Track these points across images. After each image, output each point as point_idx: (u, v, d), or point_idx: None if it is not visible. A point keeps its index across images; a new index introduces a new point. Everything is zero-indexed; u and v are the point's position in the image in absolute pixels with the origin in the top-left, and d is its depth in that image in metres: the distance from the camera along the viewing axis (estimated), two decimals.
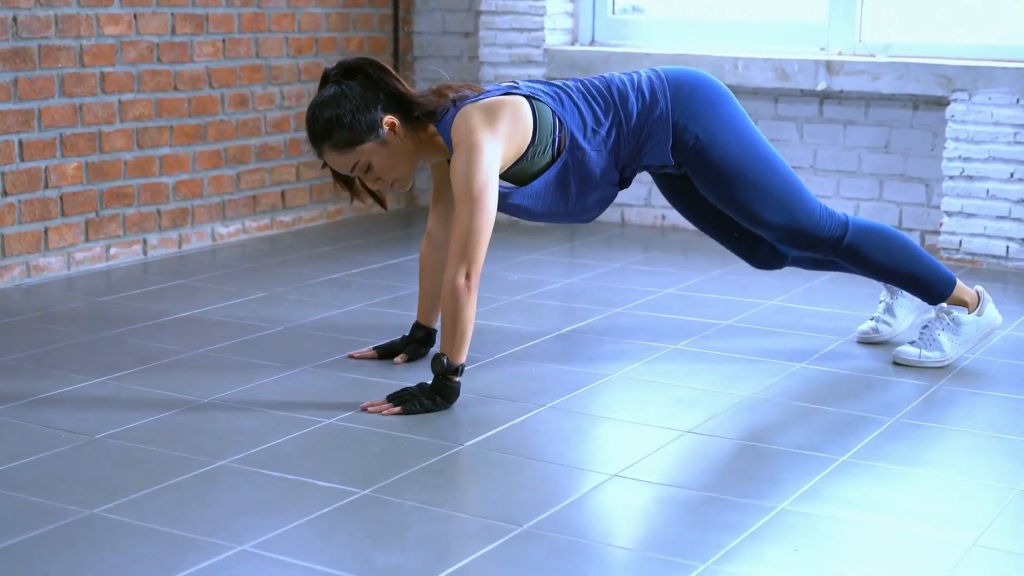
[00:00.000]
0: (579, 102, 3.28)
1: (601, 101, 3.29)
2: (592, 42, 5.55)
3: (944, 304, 3.55)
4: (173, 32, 4.78)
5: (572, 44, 5.54)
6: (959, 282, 3.57)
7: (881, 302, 3.75)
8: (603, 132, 3.27)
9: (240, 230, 5.14)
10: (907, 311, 3.71)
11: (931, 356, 3.51)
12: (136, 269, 4.63)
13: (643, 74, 3.37)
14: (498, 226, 3.46)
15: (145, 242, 4.78)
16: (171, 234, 4.87)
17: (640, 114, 3.29)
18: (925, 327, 3.57)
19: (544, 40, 5.43)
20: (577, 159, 3.26)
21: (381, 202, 3.34)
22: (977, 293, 3.60)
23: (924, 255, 3.55)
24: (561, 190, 3.29)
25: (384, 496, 2.60)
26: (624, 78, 3.35)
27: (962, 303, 3.56)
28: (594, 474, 2.75)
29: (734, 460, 2.88)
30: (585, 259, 4.86)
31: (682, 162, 3.34)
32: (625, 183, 3.40)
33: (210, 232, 5.02)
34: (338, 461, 2.82)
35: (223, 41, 4.98)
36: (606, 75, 3.38)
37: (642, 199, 5.42)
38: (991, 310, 3.58)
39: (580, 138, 3.25)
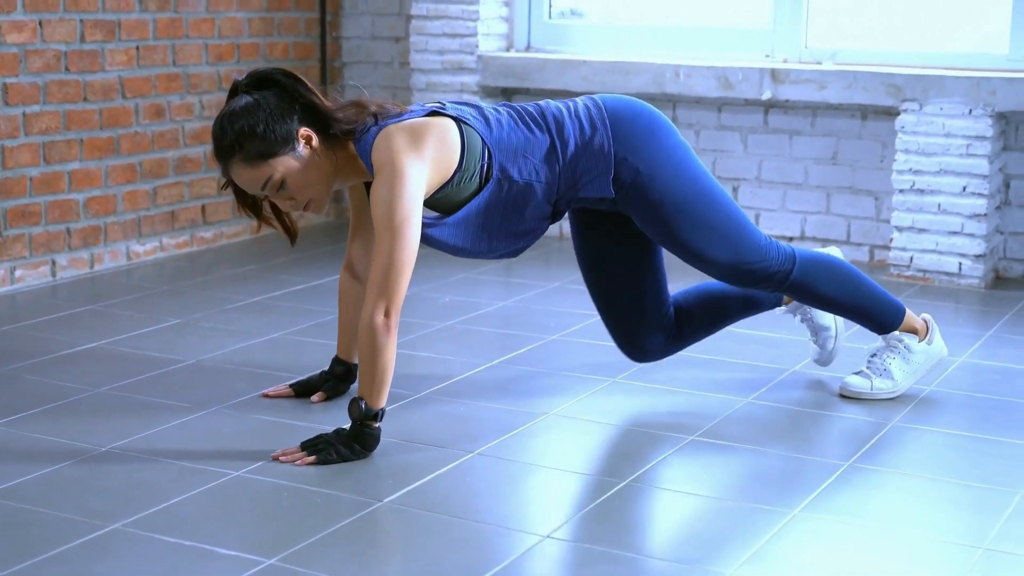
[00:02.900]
0: (510, 127, 3.04)
1: (535, 127, 3.05)
2: (528, 48, 5.31)
3: (896, 332, 3.36)
4: (82, 40, 4.50)
5: (507, 50, 5.31)
6: (908, 310, 3.37)
7: (802, 323, 3.55)
8: (536, 161, 3.03)
9: (157, 248, 4.86)
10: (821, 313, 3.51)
11: (883, 387, 3.31)
12: (44, 293, 4.35)
13: (580, 103, 3.14)
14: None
15: (54, 263, 4.50)
16: (82, 254, 4.59)
17: (578, 144, 3.06)
18: (873, 356, 3.37)
19: (478, 46, 5.19)
20: (506, 188, 3.03)
21: (290, 232, 3.09)
22: (925, 321, 3.41)
23: (873, 285, 3.35)
24: (485, 222, 3.04)
25: (292, 566, 2.36)
26: (560, 105, 3.12)
27: (912, 331, 3.37)
28: (525, 536, 2.51)
29: (673, 518, 2.65)
30: (522, 278, 4.63)
31: (621, 198, 3.11)
32: (557, 216, 3.18)
33: (124, 251, 4.74)
34: (244, 523, 2.57)
35: (136, 48, 4.70)
36: (540, 102, 3.15)
37: None
38: (939, 340, 3.40)
39: (510, 166, 3.02)
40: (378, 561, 2.44)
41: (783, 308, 3.50)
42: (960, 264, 4.52)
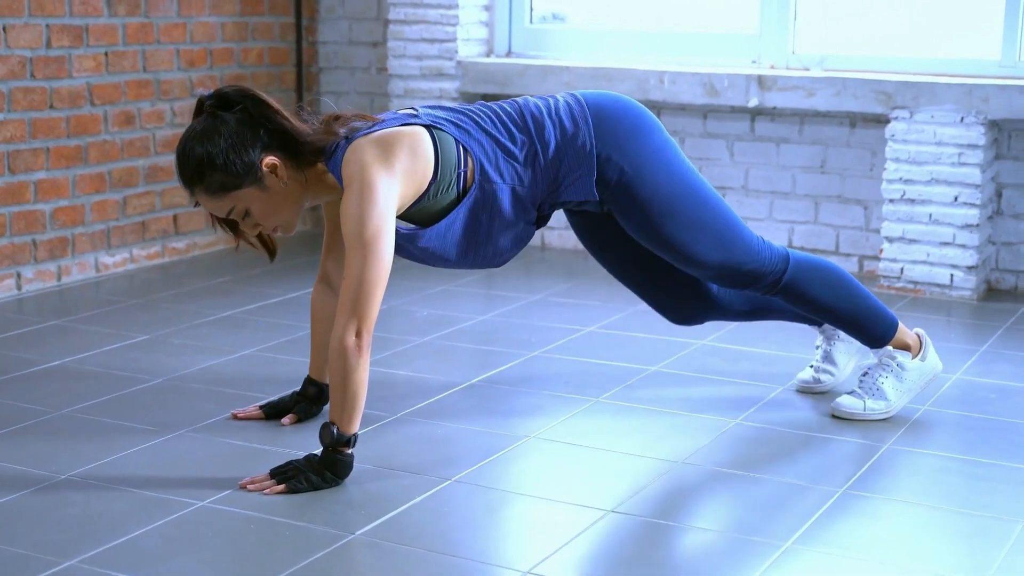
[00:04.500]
0: (489, 129, 2.91)
1: (513, 128, 2.92)
2: (508, 53, 5.18)
3: (888, 347, 3.24)
4: (48, 45, 4.36)
5: (487, 56, 5.18)
6: (901, 324, 3.25)
7: (818, 348, 3.43)
8: (517, 164, 2.91)
9: (127, 259, 4.72)
10: (847, 356, 3.39)
11: (876, 408, 3.19)
12: (9, 307, 4.21)
13: (560, 99, 3.01)
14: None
15: (19, 276, 4.36)
16: (49, 266, 4.45)
17: (559, 144, 2.93)
18: (865, 374, 3.26)
19: (457, 51, 5.06)
20: (488, 194, 2.90)
21: (269, 249, 2.96)
22: (919, 336, 3.29)
23: (867, 294, 3.23)
24: (471, 231, 2.92)
25: None
26: (539, 103, 2.99)
27: (905, 347, 3.25)
28: (505, 572, 2.38)
29: (660, 552, 2.52)
30: (503, 290, 4.50)
31: (606, 198, 2.98)
32: (543, 220, 3.05)
33: (93, 263, 4.60)
34: (207, 559, 2.43)
35: (105, 54, 4.56)
36: (519, 100, 3.01)
37: (564, 221, 5.06)
38: (933, 355, 3.28)
39: (490, 170, 2.89)
40: None
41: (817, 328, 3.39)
42: (952, 276, 4.41)
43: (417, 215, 2.88)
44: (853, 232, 4.71)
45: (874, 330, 3.23)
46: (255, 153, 2.76)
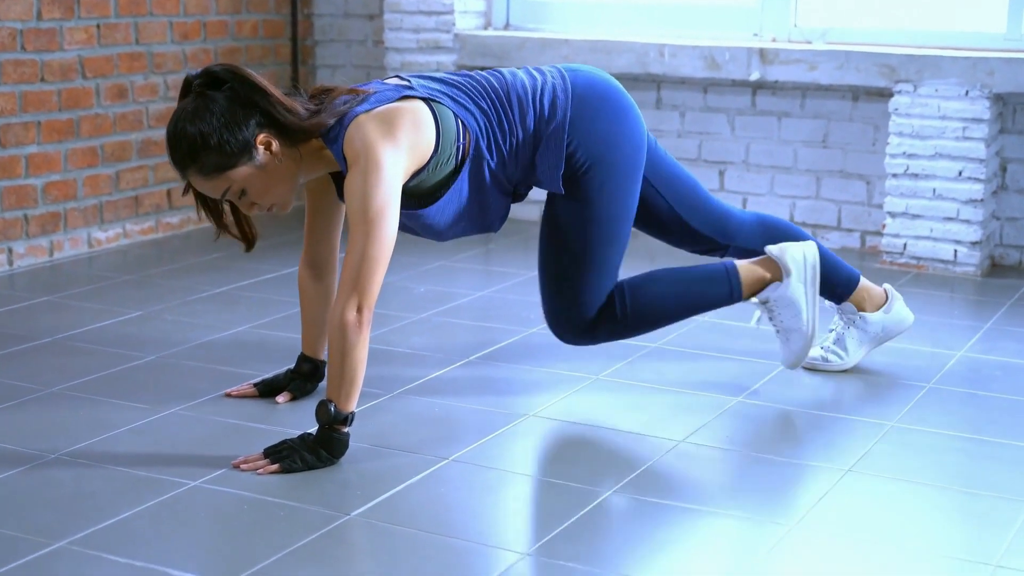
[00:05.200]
0: (483, 106, 2.87)
1: (500, 108, 2.88)
2: (507, 26, 5.11)
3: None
4: (39, 17, 4.28)
5: (485, 28, 5.11)
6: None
7: (832, 331, 3.37)
8: (503, 144, 2.88)
9: (120, 235, 4.66)
10: (859, 343, 3.33)
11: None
12: (0, 283, 4.15)
13: (548, 81, 2.95)
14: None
15: (11, 251, 4.30)
16: (41, 241, 4.39)
17: (536, 131, 2.92)
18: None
19: (454, 24, 4.99)
20: (480, 169, 2.86)
21: (248, 239, 2.91)
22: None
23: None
24: (465, 205, 2.89)
25: None
26: (527, 83, 2.93)
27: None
28: (504, 553, 2.33)
29: (661, 534, 2.47)
30: (501, 265, 4.44)
31: (567, 188, 2.96)
32: (518, 198, 3.02)
33: (86, 238, 4.54)
34: (200, 540, 2.39)
35: (97, 26, 4.49)
36: (507, 77, 2.95)
37: None
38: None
39: (483, 146, 2.85)
40: None
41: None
42: (955, 251, 4.36)
43: (412, 190, 2.83)
44: (855, 207, 4.66)
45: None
46: (249, 130, 2.69)
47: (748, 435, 2.93)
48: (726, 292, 3.10)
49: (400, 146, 2.70)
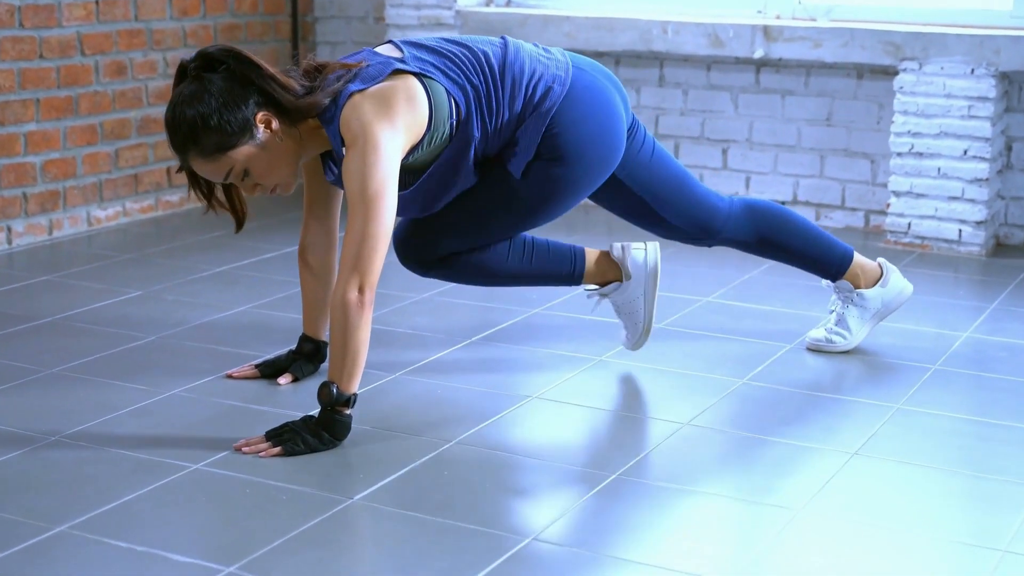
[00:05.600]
0: (473, 79, 2.83)
1: (492, 86, 2.84)
2: (508, 3, 5.07)
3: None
4: None
5: (487, 5, 5.07)
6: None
7: (832, 312, 3.35)
8: (488, 122, 2.84)
9: (120, 213, 4.63)
10: (860, 321, 3.30)
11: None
12: None
13: (550, 69, 2.90)
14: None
15: (10, 230, 4.27)
16: (40, 220, 4.36)
17: (520, 116, 2.88)
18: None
19: (456, 0, 4.95)
20: (463, 146, 2.83)
21: (239, 217, 2.89)
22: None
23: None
24: (441, 180, 2.87)
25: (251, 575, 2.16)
26: (525, 66, 2.88)
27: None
28: (509, 538, 2.31)
29: (667, 518, 2.45)
30: None
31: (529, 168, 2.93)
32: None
33: (85, 216, 4.51)
34: (201, 524, 2.37)
35: (96, 3, 4.45)
36: (509, 52, 2.89)
37: None
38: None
39: (471, 123, 2.82)
40: (347, 568, 2.24)
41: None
42: (960, 231, 4.33)
43: (409, 166, 2.80)
44: (859, 186, 4.63)
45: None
46: (248, 109, 2.67)
47: (753, 417, 2.91)
48: (568, 271, 3.13)
49: (397, 126, 2.68)
